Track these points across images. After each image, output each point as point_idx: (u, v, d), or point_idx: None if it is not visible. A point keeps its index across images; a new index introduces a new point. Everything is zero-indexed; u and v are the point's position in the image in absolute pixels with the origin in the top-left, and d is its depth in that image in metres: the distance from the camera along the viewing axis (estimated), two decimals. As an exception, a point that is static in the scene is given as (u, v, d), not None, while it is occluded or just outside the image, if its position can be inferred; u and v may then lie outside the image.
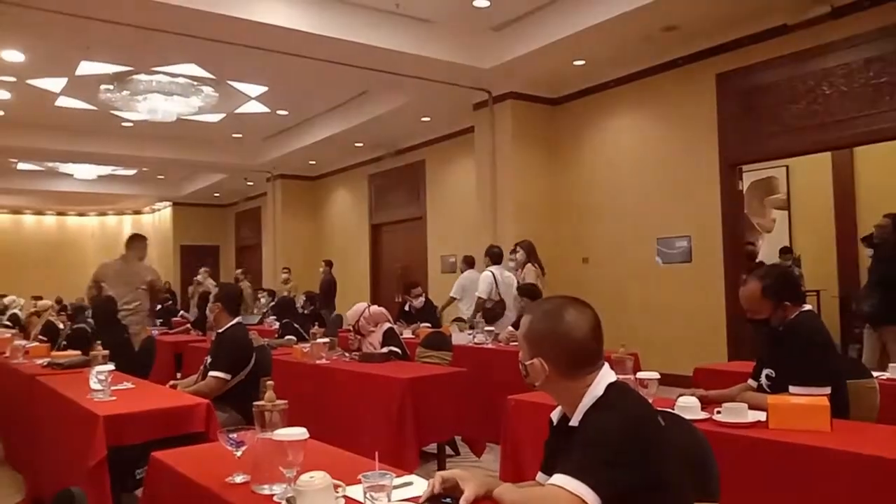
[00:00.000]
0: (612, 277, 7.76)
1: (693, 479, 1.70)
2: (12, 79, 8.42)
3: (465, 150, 9.79)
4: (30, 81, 8.52)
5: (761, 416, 2.45)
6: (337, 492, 1.63)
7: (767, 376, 2.87)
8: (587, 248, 8.15)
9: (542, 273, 6.46)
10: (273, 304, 9.09)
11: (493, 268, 6.61)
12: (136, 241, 6.54)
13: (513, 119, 8.12)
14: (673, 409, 2.48)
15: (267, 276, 13.78)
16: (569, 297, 1.73)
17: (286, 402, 1.90)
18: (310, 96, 9.70)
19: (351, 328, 5.06)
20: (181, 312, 11.24)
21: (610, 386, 1.62)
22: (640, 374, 2.88)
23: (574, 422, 1.62)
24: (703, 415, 2.57)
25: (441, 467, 4.14)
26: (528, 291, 5.47)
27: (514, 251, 6.73)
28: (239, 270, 13.10)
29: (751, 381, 2.96)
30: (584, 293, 1.82)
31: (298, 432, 1.72)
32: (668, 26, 6.56)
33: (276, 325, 8.41)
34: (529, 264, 6.62)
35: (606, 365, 1.68)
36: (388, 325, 4.93)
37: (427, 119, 9.81)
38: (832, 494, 2.11)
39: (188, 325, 9.35)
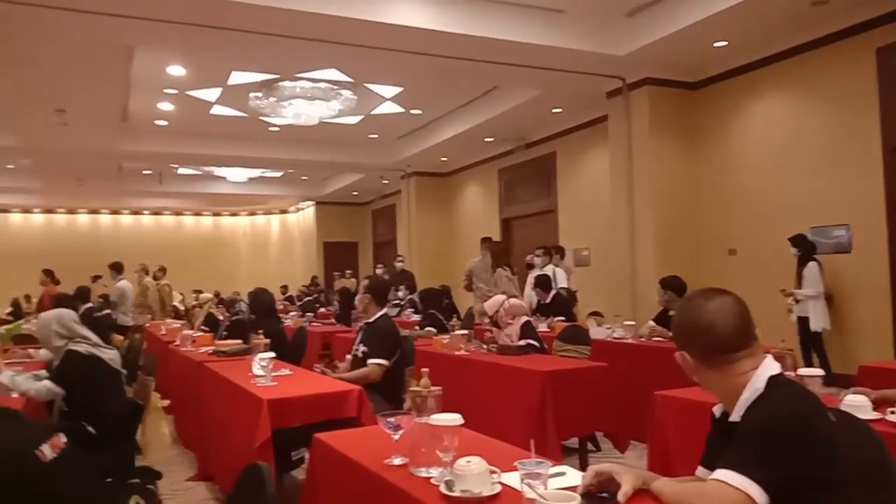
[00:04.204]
0: (761, 270, 7.30)
1: (868, 481, 1.59)
2: (174, 91, 9.24)
3: (598, 141, 9.59)
4: (189, 93, 9.31)
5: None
6: (493, 477, 1.67)
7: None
8: (733, 239, 7.72)
9: (512, 274, 6.49)
10: (414, 294, 9.37)
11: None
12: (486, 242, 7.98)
13: (649, 106, 7.84)
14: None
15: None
16: (711, 288, 1.67)
17: (440, 388, 1.97)
18: (442, 94, 9.88)
19: (488, 320, 5.12)
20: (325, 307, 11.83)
21: (772, 379, 1.55)
22: (802, 371, 2.72)
23: (735, 416, 1.56)
24: (876, 415, 2.38)
25: (583, 462, 4.10)
26: (671, 284, 5.27)
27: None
28: (379, 267, 13.66)
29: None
30: (730, 287, 1.73)
31: (453, 418, 1.77)
32: (817, 0, 6.08)
33: (414, 317, 8.69)
34: (500, 269, 6.68)
35: (769, 357, 1.61)
36: (525, 318, 4.94)
37: (558, 110, 9.70)
38: None
39: (332, 318, 9.85)
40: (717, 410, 1.70)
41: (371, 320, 4.23)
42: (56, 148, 10.83)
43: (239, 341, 5.28)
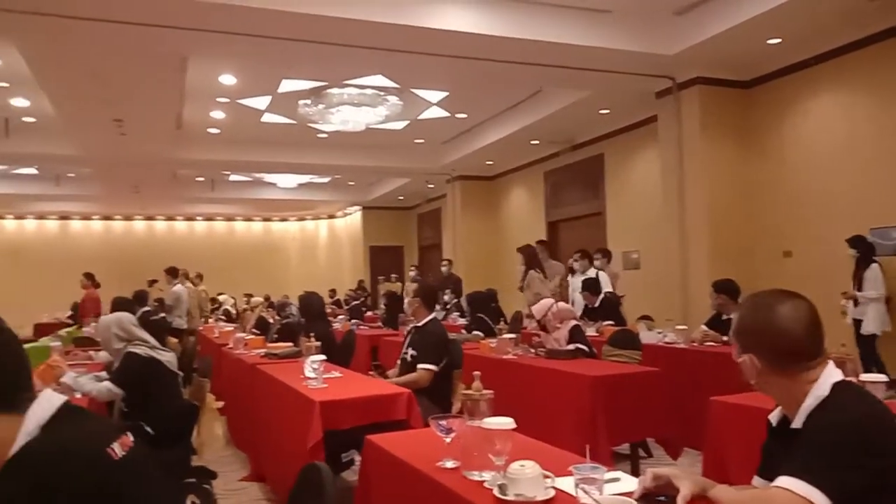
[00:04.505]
0: (818, 272, 7.07)
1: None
2: (226, 100, 9.46)
3: (647, 141, 9.45)
4: (240, 101, 9.52)
5: None
6: (546, 482, 1.66)
7: None
8: (789, 241, 7.50)
9: (544, 277, 6.35)
10: (461, 298, 9.38)
11: None
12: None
13: (700, 105, 7.69)
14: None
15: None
16: (782, 290, 1.62)
17: (492, 392, 1.97)
18: (487, 97, 9.88)
19: (536, 323, 5.09)
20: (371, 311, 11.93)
21: (836, 385, 1.51)
22: (865, 377, 2.62)
23: (797, 423, 1.52)
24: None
25: (634, 468, 4.04)
26: (725, 287, 5.16)
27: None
28: (412, 269, 13.79)
29: None
30: (786, 289, 1.69)
31: (506, 421, 1.77)
32: (877, -6, 5.89)
33: (460, 320, 8.70)
34: (532, 271, 6.58)
35: (831, 363, 1.57)
36: (574, 322, 4.90)
37: (606, 111, 9.60)
38: None
39: (379, 321, 9.93)
40: (773, 418, 1.66)
41: (420, 324, 4.26)
42: (115, 157, 11.21)
43: (290, 344, 5.37)
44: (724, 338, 5.05)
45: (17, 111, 9.59)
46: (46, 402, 1.18)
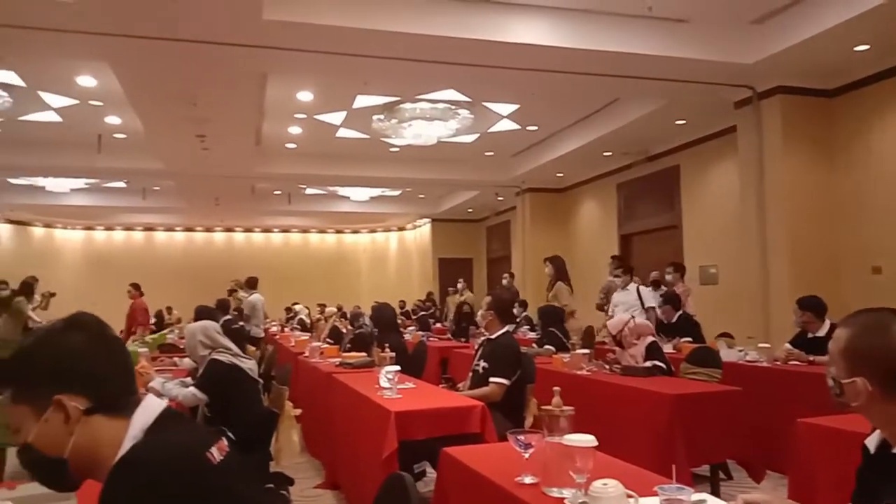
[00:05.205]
0: (912, 290, 6.70)
1: None
2: (303, 116, 9.75)
3: (725, 152, 9.18)
4: (317, 117, 9.79)
5: None
6: (629, 501, 1.63)
7: None
8: (878, 256, 7.12)
9: (571, 291, 6.13)
10: (537, 311, 9.30)
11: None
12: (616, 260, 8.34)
13: (781, 115, 7.42)
14: None
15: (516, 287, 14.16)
16: (892, 309, 1.55)
17: (573, 408, 1.95)
18: (559, 109, 9.83)
19: (611, 339, 5.00)
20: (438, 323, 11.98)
21: None
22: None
23: (902, 449, 1.45)
24: None
25: (714, 491, 3.91)
26: (810, 304, 4.94)
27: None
28: (460, 282, 13.83)
29: None
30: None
31: (588, 439, 1.75)
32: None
33: (530, 334, 8.64)
34: (560, 282, 6.38)
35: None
36: (651, 338, 4.79)
37: (682, 122, 9.39)
38: None
39: (448, 333, 9.97)
40: (870, 443, 1.58)
41: (493, 337, 4.25)
42: (197, 171, 11.70)
43: (363, 354, 5.45)
44: (811, 357, 4.85)
45: (110, 128, 10.15)
46: (150, 407, 1.24)
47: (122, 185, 14.58)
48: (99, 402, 1.21)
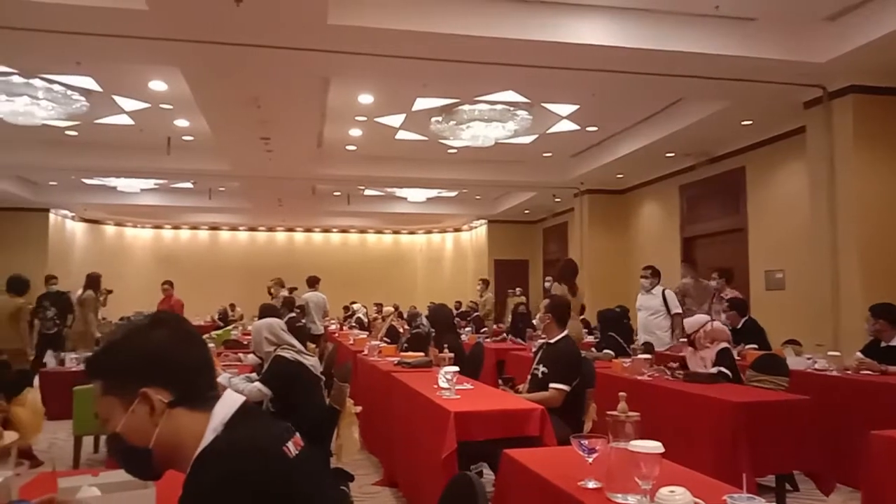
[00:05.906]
0: None
1: None
2: (363, 118, 9.89)
3: (793, 154, 8.89)
4: (377, 119, 9.92)
5: None
6: (696, 510, 1.61)
7: None
8: (959, 263, 6.78)
9: (573, 294, 6.20)
10: (597, 315, 9.21)
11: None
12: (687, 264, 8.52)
13: (854, 115, 7.13)
14: None
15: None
16: None
17: (638, 414, 1.93)
18: (620, 110, 9.69)
19: (686, 339, 4.91)
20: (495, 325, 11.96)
21: None
22: None
23: None
24: None
25: (780, 503, 3.80)
26: (884, 312, 4.74)
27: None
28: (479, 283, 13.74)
29: None
30: None
31: (654, 445, 1.73)
32: None
33: (589, 338, 8.54)
34: (556, 283, 6.21)
35: None
36: (725, 344, 4.66)
37: (748, 122, 9.12)
38: None
39: (504, 334, 9.96)
40: None
41: (552, 341, 4.23)
42: (261, 173, 12.01)
43: (421, 354, 5.50)
44: (883, 367, 4.66)
45: (179, 131, 10.53)
46: (229, 401, 1.30)
47: (189, 185, 15.07)
48: (182, 396, 1.26)
